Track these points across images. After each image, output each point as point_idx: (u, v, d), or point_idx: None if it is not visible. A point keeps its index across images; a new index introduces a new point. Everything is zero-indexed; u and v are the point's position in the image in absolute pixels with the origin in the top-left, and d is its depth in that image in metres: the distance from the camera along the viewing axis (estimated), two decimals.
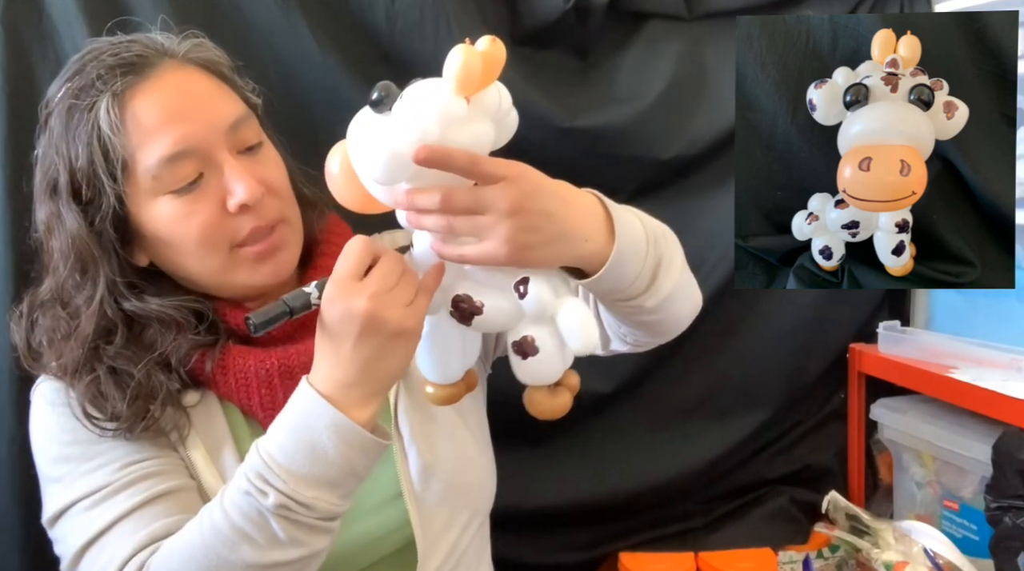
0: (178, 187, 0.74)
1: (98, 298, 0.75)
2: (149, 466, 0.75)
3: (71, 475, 0.75)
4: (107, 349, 0.76)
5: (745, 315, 1.33)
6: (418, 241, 0.66)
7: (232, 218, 0.76)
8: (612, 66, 1.28)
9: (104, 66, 0.75)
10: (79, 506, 0.74)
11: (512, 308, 0.64)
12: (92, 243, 0.75)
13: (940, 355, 1.22)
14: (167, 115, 0.74)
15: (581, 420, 1.28)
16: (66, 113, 0.75)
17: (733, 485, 1.36)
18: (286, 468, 0.65)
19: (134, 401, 0.74)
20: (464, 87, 0.58)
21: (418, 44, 1.14)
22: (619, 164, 1.25)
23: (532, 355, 0.63)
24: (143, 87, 0.74)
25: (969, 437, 1.14)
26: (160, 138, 0.73)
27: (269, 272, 0.79)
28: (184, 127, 0.74)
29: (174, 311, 0.77)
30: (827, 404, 1.39)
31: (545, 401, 0.66)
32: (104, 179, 0.73)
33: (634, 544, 1.31)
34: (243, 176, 0.75)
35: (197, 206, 0.75)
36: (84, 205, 0.75)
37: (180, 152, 0.73)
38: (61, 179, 0.76)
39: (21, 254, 1.06)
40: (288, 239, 0.80)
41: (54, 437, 0.77)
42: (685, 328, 0.84)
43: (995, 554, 1.05)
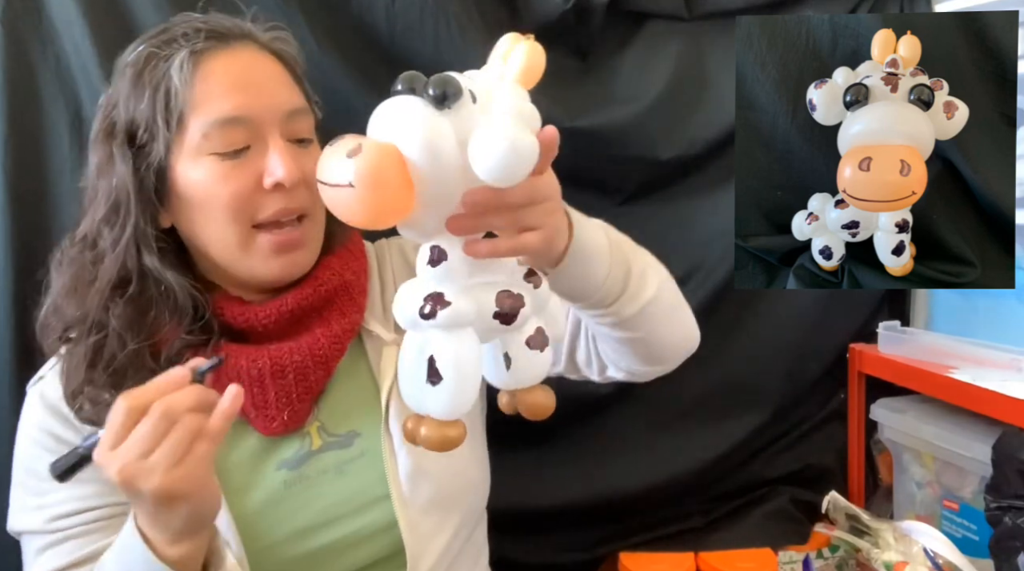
0: (223, 150, 0.76)
1: (124, 242, 0.77)
2: (82, 519, 0.76)
3: (25, 496, 0.78)
4: (117, 305, 0.77)
5: (745, 315, 1.33)
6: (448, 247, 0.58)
7: (264, 195, 0.77)
8: (612, 66, 1.28)
9: (191, 28, 0.79)
10: (27, 538, 0.78)
11: (534, 301, 0.61)
12: (132, 188, 0.77)
13: (940, 355, 1.22)
14: (233, 83, 0.77)
15: (581, 420, 1.28)
16: (143, 62, 0.78)
17: (733, 485, 1.36)
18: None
19: (123, 371, 0.76)
20: (525, 82, 0.57)
21: (418, 44, 1.14)
22: (619, 164, 1.25)
23: (545, 346, 0.61)
24: (220, 53, 0.78)
25: (969, 437, 1.14)
26: (221, 101, 0.76)
27: (281, 266, 0.80)
28: (246, 98, 0.77)
29: (179, 289, 0.78)
30: (827, 404, 1.39)
31: (547, 399, 0.63)
32: (160, 126, 0.76)
33: (634, 544, 1.31)
34: (285, 158, 0.77)
35: (235, 173, 0.77)
36: (136, 149, 0.78)
37: (236, 118, 0.76)
38: (120, 122, 0.78)
39: (21, 254, 1.06)
40: (310, 237, 0.81)
41: (30, 453, 0.79)
42: (677, 360, 0.85)
43: (995, 554, 1.05)
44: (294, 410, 0.80)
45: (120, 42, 1.05)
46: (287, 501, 0.80)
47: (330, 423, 0.84)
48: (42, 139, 1.08)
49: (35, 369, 1.05)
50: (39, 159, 1.08)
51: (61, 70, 1.07)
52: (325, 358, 0.81)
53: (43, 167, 1.08)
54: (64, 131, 1.08)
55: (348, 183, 0.51)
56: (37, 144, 1.07)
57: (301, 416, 0.81)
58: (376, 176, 0.51)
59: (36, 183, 1.08)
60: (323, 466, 0.82)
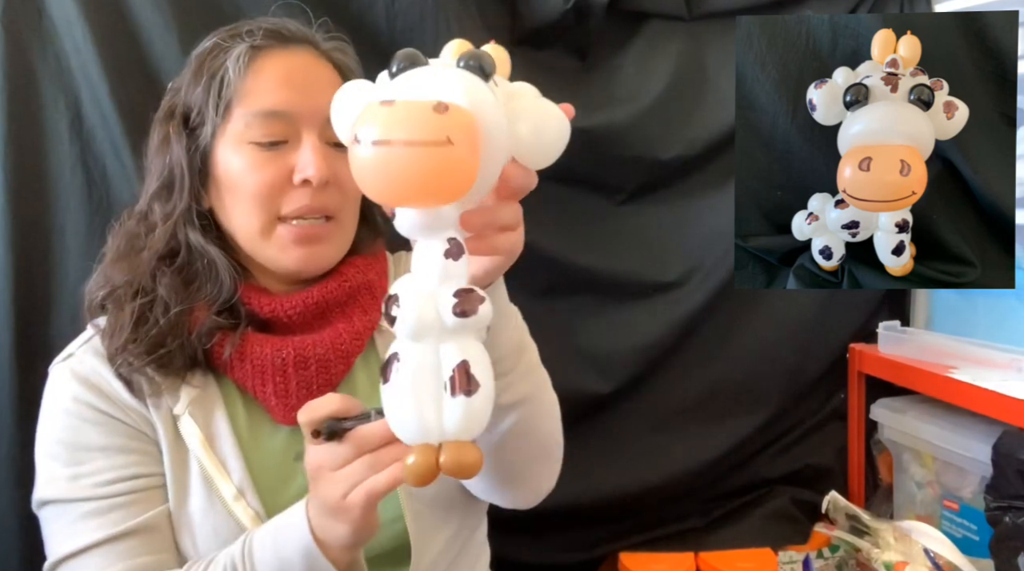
0: (261, 140, 0.79)
1: (175, 217, 0.82)
2: (126, 488, 0.77)
3: (57, 467, 0.78)
4: (164, 274, 0.81)
5: (745, 315, 1.33)
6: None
7: (291, 190, 0.80)
8: (612, 66, 1.28)
9: (256, 26, 0.83)
10: (61, 507, 0.77)
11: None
12: (184, 166, 0.81)
13: (940, 355, 1.22)
14: (283, 79, 0.81)
15: (581, 420, 1.28)
16: (207, 52, 0.83)
17: (733, 485, 1.36)
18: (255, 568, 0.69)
19: (163, 337, 0.78)
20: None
21: (418, 44, 1.13)
22: (619, 164, 1.25)
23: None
24: (277, 52, 0.82)
25: (969, 437, 1.14)
26: (267, 94, 0.80)
27: (299, 257, 0.81)
28: (291, 95, 0.80)
29: (220, 264, 0.81)
30: (827, 404, 1.39)
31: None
32: (209, 111, 0.80)
33: (634, 544, 1.31)
34: (317, 156, 0.79)
35: (268, 165, 0.79)
36: (189, 130, 0.82)
37: (278, 112, 0.79)
38: (179, 106, 0.83)
39: (21, 254, 1.06)
40: (332, 236, 0.83)
41: (64, 424, 0.79)
42: (537, 485, 0.86)
43: (995, 554, 1.05)
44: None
45: (120, 42, 1.07)
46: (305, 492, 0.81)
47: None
48: (42, 139, 1.08)
49: (35, 369, 1.05)
50: (39, 159, 1.08)
51: (61, 70, 1.07)
52: (346, 352, 0.82)
53: (43, 167, 1.08)
54: (64, 131, 1.08)
55: (445, 138, 0.45)
56: (37, 144, 1.07)
57: None
58: (475, 132, 0.47)
59: (36, 183, 1.08)
60: None
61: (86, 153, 1.09)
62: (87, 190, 1.09)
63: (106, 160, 1.09)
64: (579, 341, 1.27)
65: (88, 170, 1.09)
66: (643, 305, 1.29)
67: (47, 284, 1.08)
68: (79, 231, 1.09)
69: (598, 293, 1.29)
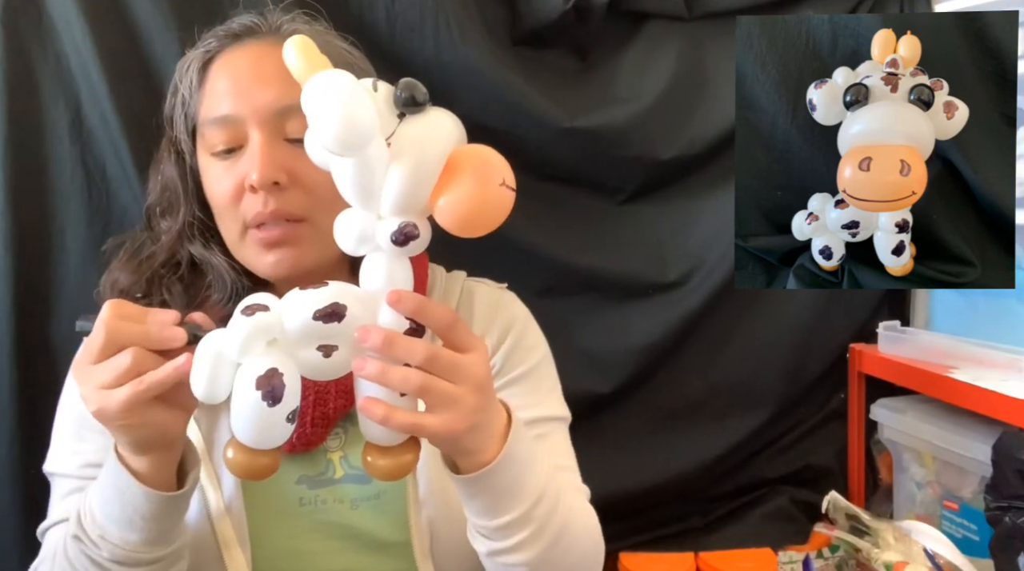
0: (216, 151, 0.78)
1: (175, 231, 0.82)
2: None
3: (65, 440, 0.81)
4: (171, 282, 0.81)
5: (745, 315, 1.33)
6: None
7: (248, 197, 0.76)
8: (612, 66, 1.28)
9: (216, 34, 0.82)
10: (57, 480, 0.80)
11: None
12: (178, 182, 0.82)
13: (940, 355, 1.22)
14: (230, 81, 0.78)
15: (581, 420, 1.28)
16: (179, 66, 0.83)
17: (733, 485, 1.36)
18: (89, 505, 0.68)
19: None
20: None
21: (418, 44, 1.14)
22: (619, 164, 1.25)
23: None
24: (227, 53, 0.80)
25: (969, 437, 1.14)
26: (217, 100, 0.78)
27: (270, 262, 0.77)
28: (235, 97, 0.77)
29: (226, 273, 0.80)
30: (827, 404, 1.39)
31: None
32: (180, 129, 0.81)
33: (634, 544, 1.31)
34: (260, 158, 0.75)
35: (227, 174, 0.77)
36: (175, 149, 0.83)
37: (224, 117, 0.77)
38: (165, 125, 0.84)
39: (21, 254, 1.06)
40: (303, 238, 0.77)
41: (76, 397, 0.79)
42: None
43: (995, 554, 1.05)
44: (304, 433, 0.79)
45: (120, 42, 1.07)
46: (297, 519, 0.80)
47: (353, 455, 0.82)
48: (42, 139, 1.07)
49: (35, 368, 1.06)
50: (39, 159, 1.07)
51: (61, 70, 1.07)
52: (347, 387, 0.76)
53: (43, 167, 1.08)
54: (64, 131, 1.08)
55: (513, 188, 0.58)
56: (37, 144, 1.07)
57: (312, 440, 0.80)
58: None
59: (36, 183, 1.07)
60: (340, 496, 0.81)
61: (86, 153, 1.08)
62: (87, 190, 1.09)
63: (106, 160, 1.09)
64: (579, 341, 1.27)
65: (88, 170, 1.09)
66: (643, 305, 1.29)
67: (47, 284, 1.08)
68: (79, 231, 1.08)
69: (598, 293, 1.28)
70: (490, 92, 1.15)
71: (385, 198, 0.57)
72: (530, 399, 0.85)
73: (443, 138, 0.58)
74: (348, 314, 0.57)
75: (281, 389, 0.56)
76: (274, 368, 0.56)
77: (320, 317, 0.57)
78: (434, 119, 0.58)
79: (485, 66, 1.14)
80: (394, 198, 0.57)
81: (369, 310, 0.59)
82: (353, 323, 0.58)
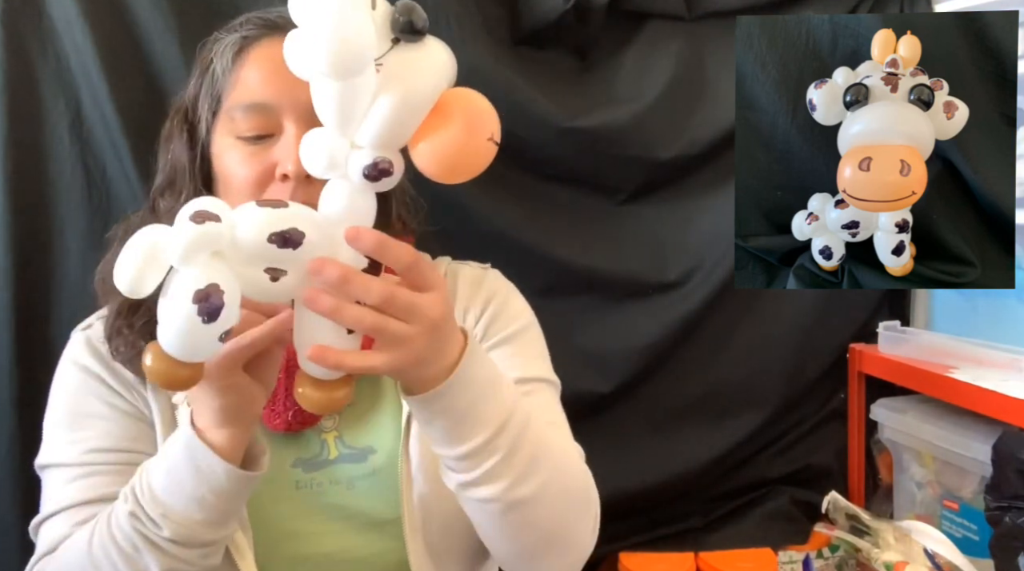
0: (246, 135, 0.77)
1: (176, 210, 0.80)
2: (113, 458, 0.77)
3: (60, 432, 0.80)
4: None
5: (745, 315, 1.33)
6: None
7: (275, 185, 0.77)
8: (612, 66, 1.28)
9: (251, 18, 0.82)
10: (55, 471, 0.79)
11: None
12: (186, 161, 0.81)
13: (940, 355, 1.22)
14: (269, 70, 0.78)
15: (581, 420, 1.28)
16: (206, 47, 0.83)
17: (733, 485, 1.36)
18: (148, 482, 0.67)
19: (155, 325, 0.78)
20: None
21: None
22: (619, 164, 1.25)
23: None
24: (267, 42, 0.79)
25: (969, 437, 1.14)
26: (253, 86, 0.78)
27: None
28: (274, 86, 0.77)
29: None
30: (827, 404, 1.39)
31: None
32: (203, 105, 0.80)
33: (634, 544, 1.31)
34: (295, 149, 0.75)
35: (254, 160, 0.77)
36: (189, 128, 0.82)
37: (260, 104, 0.77)
38: (181, 101, 0.84)
39: (21, 254, 1.06)
40: None
41: (69, 390, 0.81)
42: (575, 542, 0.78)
43: (995, 554, 1.05)
44: (299, 411, 0.80)
45: (120, 42, 1.07)
46: (294, 501, 0.80)
47: (348, 435, 0.83)
48: (42, 139, 1.08)
49: (35, 369, 1.05)
50: (39, 159, 1.08)
51: (61, 70, 1.07)
52: None
53: (43, 167, 1.08)
54: (64, 131, 1.08)
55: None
56: (37, 144, 1.07)
57: (306, 420, 0.81)
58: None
59: (36, 183, 1.08)
60: (336, 477, 0.81)
61: (86, 153, 1.09)
62: (87, 190, 1.09)
63: (106, 160, 1.09)
64: (579, 341, 1.27)
65: (88, 170, 1.09)
66: (643, 305, 1.29)
67: (47, 284, 1.08)
68: (79, 231, 1.09)
69: (598, 293, 1.28)
70: (490, 92, 1.13)
71: (367, 129, 0.54)
72: (514, 361, 0.85)
73: (437, 75, 0.54)
74: (305, 242, 0.54)
75: (219, 307, 0.52)
76: (215, 284, 0.52)
77: (275, 240, 0.53)
78: (430, 52, 0.54)
79: (485, 66, 1.14)
80: (376, 131, 0.54)
81: (327, 239, 0.55)
82: (309, 251, 0.54)
